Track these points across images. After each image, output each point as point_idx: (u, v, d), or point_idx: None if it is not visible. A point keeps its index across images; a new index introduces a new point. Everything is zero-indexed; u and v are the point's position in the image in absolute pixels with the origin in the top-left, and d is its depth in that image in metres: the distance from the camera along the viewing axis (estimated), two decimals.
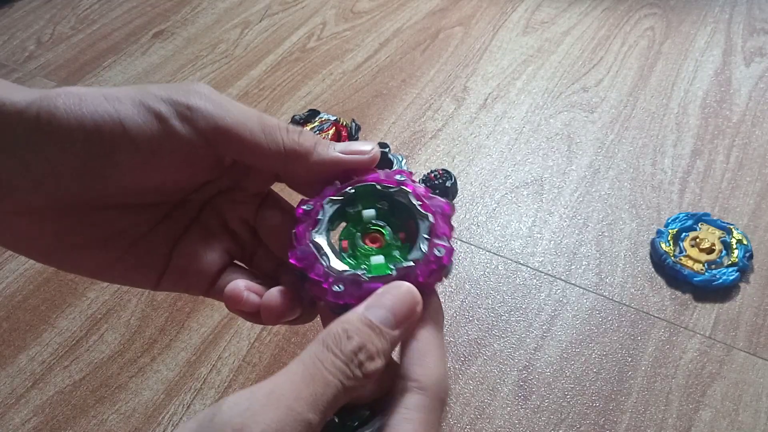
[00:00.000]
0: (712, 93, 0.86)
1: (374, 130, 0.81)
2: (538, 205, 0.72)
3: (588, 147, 0.79)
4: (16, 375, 0.59)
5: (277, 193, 0.31)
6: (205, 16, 1.03)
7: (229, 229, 0.30)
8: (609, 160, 0.77)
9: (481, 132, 0.81)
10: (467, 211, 0.72)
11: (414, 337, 0.24)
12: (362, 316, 0.23)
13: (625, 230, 0.69)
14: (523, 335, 0.60)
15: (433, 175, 0.71)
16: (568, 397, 0.56)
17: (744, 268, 0.64)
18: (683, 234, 0.67)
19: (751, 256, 0.65)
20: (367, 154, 0.27)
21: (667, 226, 0.68)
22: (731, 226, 0.67)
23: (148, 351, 0.60)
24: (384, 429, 0.22)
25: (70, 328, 0.62)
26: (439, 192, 0.69)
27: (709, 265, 0.64)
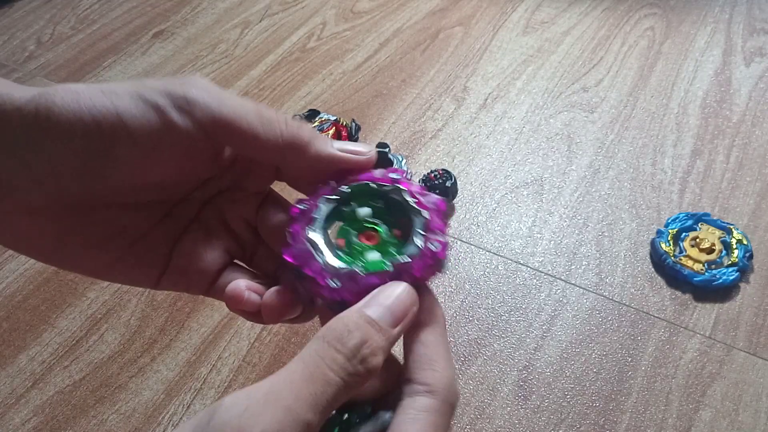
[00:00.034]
0: (712, 93, 0.86)
1: (374, 130, 0.81)
2: (538, 205, 0.72)
3: (588, 147, 0.79)
4: (16, 375, 0.59)
5: (278, 192, 0.31)
6: (205, 16, 1.03)
7: (229, 229, 0.30)
8: (609, 160, 0.77)
9: (481, 132, 0.81)
10: (467, 211, 0.72)
11: (421, 341, 0.24)
12: (362, 313, 0.23)
13: (625, 230, 0.69)
14: (523, 335, 0.60)
15: (433, 175, 0.71)
16: (568, 397, 0.56)
17: (744, 268, 0.64)
18: (683, 234, 0.67)
19: (751, 256, 0.65)
20: (365, 155, 0.27)
21: (667, 226, 0.68)
22: (731, 226, 0.67)
23: (148, 351, 0.60)
24: (391, 427, 0.22)
25: (70, 328, 0.62)
26: (439, 192, 0.69)
27: (709, 265, 0.64)
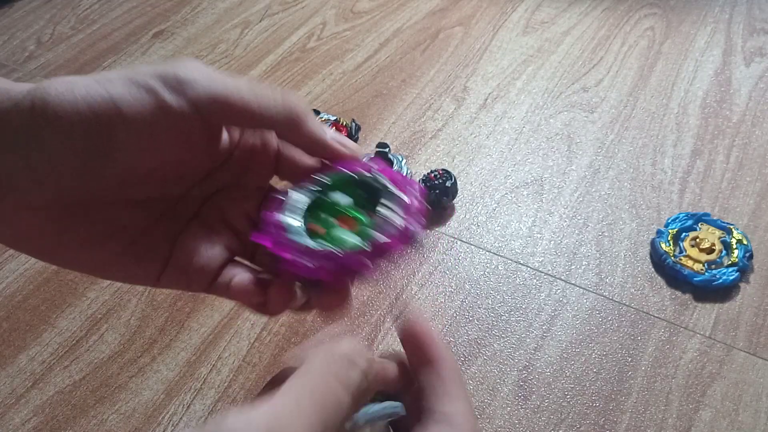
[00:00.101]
0: (712, 93, 0.86)
1: (374, 130, 0.81)
2: (538, 205, 0.72)
3: (588, 147, 0.79)
4: (16, 375, 0.59)
5: (278, 189, 0.31)
6: (205, 16, 1.03)
7: (230, 226, 0.30)
8: (609, 160, 0.77)
9: (481, 132, 0.81)
10: (467, 211, 0.72)
11: (440, 378, 0.27)
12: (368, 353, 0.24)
13: (625, 230, 0.69)
14: (523, 335, 0.60)
15: (433, 175, 0.71)
16: (568, 397, 0.56)
17: (744, 268, 0.64)
18: (683, 234, 0.67)
19: (751, 256, 0.65)
20: (351, 150, 0.28)
21: (667, 226, 0.68)
22: (731, 226, 0.67)
23: (148, 351, 0.60)
24: None
25: (70, 328, 0.62)
26: (440, 192, 0.69)
27: (709, 265, 0.64)
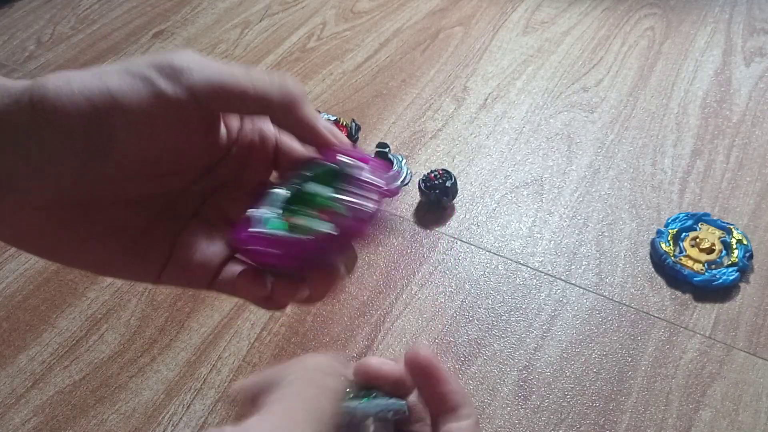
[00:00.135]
0: (712, 93, 0.86)
1: (374, 130, 0.81)
2: (538, 205, 0.72)
3: (588, 147, 0.79)
4: (16, 375, 0.59)
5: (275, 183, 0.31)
6: (205, 16, 1.03)
7: (230, 223, 0.30)
8: (609, 160, 0.77)
9: (481, 132, 0.81)
10: (467, 211, 0.72)
11: (445, 399, 0.28)
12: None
13: (625, 230, 0.69)
14: (523, 335, 0.60)
15: (433, 175, 0.70)
16: (568, 397, 0.56)
17: (744, 268, 0.64)
18: (683, 234, 0.67)
19: (751, 256, 0.65)
20: (340, 142, 0.29)
21: (667, 226, 0.68)
22: (731, 226, 0.67)
23: (148, 351, 0.60)
24: None
25: (70, 328, 0.62)
26: (440, 192, 0.69)
27: (709, 265, 0.64)
